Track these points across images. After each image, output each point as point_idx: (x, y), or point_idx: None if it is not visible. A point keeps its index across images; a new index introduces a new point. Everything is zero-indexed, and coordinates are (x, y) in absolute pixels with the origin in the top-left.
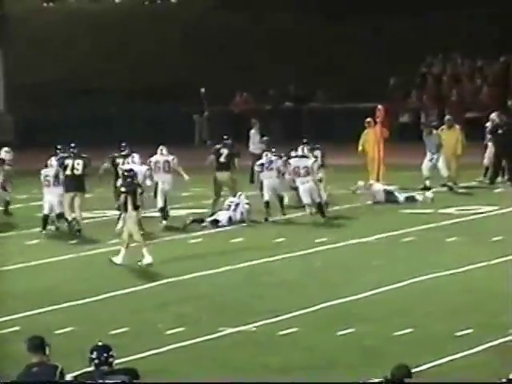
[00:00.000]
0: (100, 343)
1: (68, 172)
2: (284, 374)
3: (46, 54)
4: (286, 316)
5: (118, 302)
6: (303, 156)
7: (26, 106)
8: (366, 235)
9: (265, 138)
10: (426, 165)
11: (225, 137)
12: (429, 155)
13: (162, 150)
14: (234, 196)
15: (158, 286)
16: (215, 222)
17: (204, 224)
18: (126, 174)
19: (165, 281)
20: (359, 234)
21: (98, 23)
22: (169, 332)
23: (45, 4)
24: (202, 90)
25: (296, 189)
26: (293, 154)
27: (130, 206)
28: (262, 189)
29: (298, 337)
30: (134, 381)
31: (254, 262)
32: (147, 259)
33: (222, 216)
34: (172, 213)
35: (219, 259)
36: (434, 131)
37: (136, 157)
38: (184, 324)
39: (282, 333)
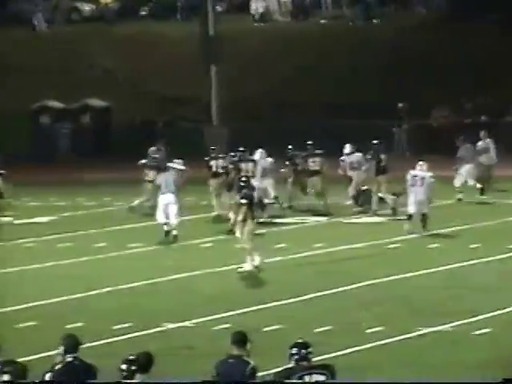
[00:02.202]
0: (300, 340)
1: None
2: (480, 371)
3: (255, 71)
4: (482, 317)
5: (322, 301)
6: None
7: (237, 119)
8: None
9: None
10: None
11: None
12: None
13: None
14: None
15: (360, 287)
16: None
17: None
18: (242, 184)
19: (368, 282)
20: None
21: (303, 41)
22: (370, 331)
23: (256, 24)
24: (400, 104)
25: None
26: None
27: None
28: None
29: (494, 336)
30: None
31: (451, 266)
32: (248, 266)
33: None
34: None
35: (416, 263)
36: None
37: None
38: (384, 323)
39: (477, 332)
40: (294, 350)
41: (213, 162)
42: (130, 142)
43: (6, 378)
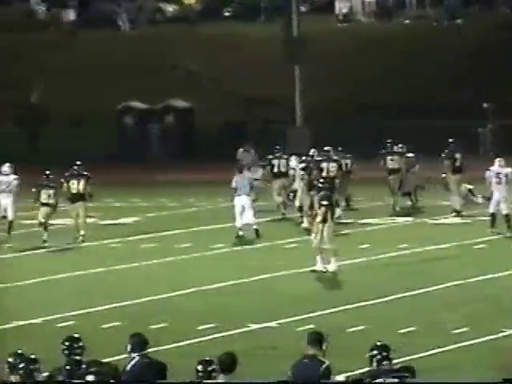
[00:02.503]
0: (379, 343)
1: (324, 174)
2: None
3: (339, 71)
4: None
5: (407, 302)
6: None
7: (320, 120)
8: None
9: None
10: None
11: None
12: None
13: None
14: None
15: (446, 287)
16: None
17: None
18: (321, 185)
19: (453, 283)
20: None
21: (387, 42)
22: (455, 331)
23: (339, 24)
24: (486, 104)
25: None
26: None
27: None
28: None
29: None
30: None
31: None
32: (332, 267)
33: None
34: None
35: (504, 263)
36: None
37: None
38: (470, 324)
39: None
40: (375, 352)
41: (275, 162)
42: (214, 142)
43: (90, 378)
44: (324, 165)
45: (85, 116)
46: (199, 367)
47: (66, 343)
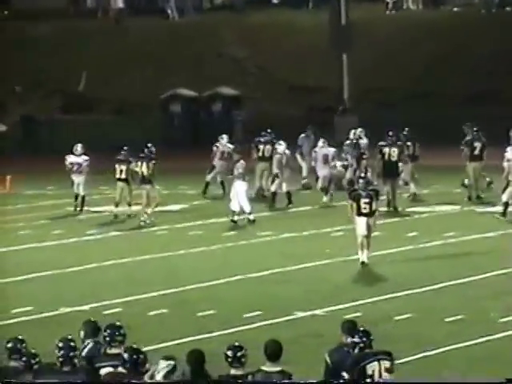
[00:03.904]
0: (362, 328)
1: (386, 158)
2: None
3: (386, 59)
4: None
5: (453, 291)
6: None
7: (368, 108)
8: None
9: None
10: None
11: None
12: None
13: None
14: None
15: (493, 276)
16: None
17: None
18: (361, 179)
19: (499, 272)
20: None
21: (436, 29)
22: (502, 320)
23: (387, 12)
24: None
25: None
26: None
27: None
28: None
29: None
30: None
31: None
32: (365, 258)
33: None
34: None
35: None
36: None
37: None
38: None
39: None
40: (357, 340)
41: (261, 146)
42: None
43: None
44: (386, 150)
45: (131, 104)
46: (229, 352)
47: (108, 331)
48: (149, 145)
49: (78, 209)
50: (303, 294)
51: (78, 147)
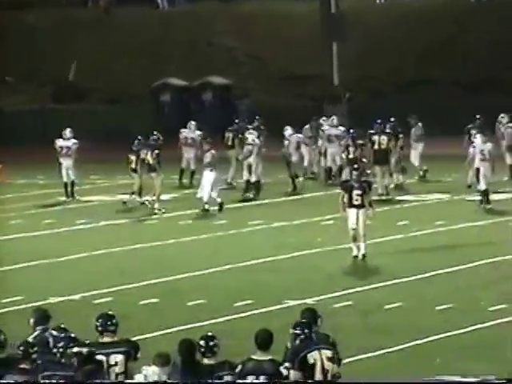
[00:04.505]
0: (304, 320)
1: (376, 146)
2: None
3: (377, 48)
4: None
5: (443, 279)
6: None
7: (358, 97)
8: None
9: None
10: None
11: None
12: None
13: None
14: None
15: (482, 265)
16: None
17: None
18: (355, 170)
19: (489, 260)
20: None
21: (426, 19)
22: (492, 308)
23: (378, 1)
24: None
25: None
26: None
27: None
28: None
29: None
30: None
31: None
32: (363, 250)
33: None
34: None
35: None
36: None
37: None
38: (507, 301)
39: None
40: (299, 331)
41: (228, 134)
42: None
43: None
44: (375, 138)
45: (121, 93)
46: (201, 342)
47: (100, 320)
48: (154, 133)
49: (69, 198)
50: (294, 283)
51: (67, 131)
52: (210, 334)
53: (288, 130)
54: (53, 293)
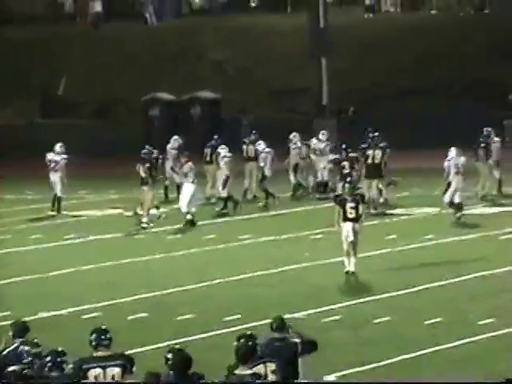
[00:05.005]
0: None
1: (369, 161)
2: None
3: (365, 62)
4: None
5: (432, 293)
6: None
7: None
8: None
9: None
10: None
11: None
12: None
13: None
14: None
15: (471, 278)
16: None
17: None
18: (347, 184)
19: (478, 274)
20: None
21: (414, 32)
22: (481, 322)
23: (366, 15)
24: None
25: None
26: None
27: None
28: None
29: None
30: None
31: None
32: (352, 268)
33: None
34: None
35: None
36: None
37: None
38: (495, 315)
39: None
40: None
41: (206, 150)
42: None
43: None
44: (369, 152)
45: (110, 108)
46: (169, 355)
47: (94, 335)
48: (146, 147)
49: (55, 213)
50: (283, 297)
51: (57, 146)
52: (177, 347)
53: (261, 145)
54: (42, 308)
